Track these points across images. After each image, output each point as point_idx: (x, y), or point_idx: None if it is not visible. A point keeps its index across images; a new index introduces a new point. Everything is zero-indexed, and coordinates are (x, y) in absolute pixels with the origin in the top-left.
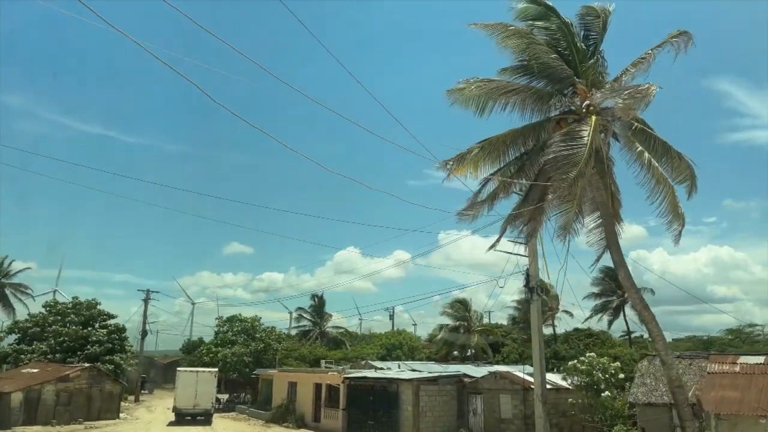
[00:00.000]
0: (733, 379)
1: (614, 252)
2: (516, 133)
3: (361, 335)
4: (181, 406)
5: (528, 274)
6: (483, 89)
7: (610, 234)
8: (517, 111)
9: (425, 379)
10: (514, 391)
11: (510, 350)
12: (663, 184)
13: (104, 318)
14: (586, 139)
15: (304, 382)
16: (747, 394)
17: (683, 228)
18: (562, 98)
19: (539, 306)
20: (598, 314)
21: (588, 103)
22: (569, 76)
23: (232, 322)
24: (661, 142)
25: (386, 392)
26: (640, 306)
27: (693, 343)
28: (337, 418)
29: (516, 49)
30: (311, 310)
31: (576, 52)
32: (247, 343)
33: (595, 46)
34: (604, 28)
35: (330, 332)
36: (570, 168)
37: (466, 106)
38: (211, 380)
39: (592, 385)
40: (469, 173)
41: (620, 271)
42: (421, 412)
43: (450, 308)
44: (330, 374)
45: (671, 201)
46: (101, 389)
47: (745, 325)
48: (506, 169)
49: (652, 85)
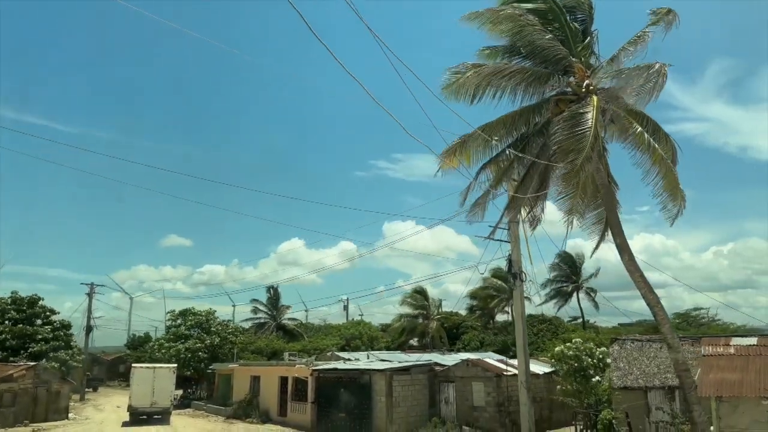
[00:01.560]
0: (729, 360)
1: (617, 235)
2: (515, 115)
3: (317, 326)
4: (137, 404)
5: (510, 261)
6: (480, 74)
7: (612, 217)
8: (509, 96)
9: (398, 369)
10: (487, 379)
11: (470, 338)
12: (662, 164)
13: (47, 314)
14: (590, 120)
15: (269, 376)
16: (746, 376)
17: (683, 208)
18: (561, 78)
19: (522, 292)
20: (553, 299)
21: (588, 83)
22: (565, 56)
23: (185, 315)
24: (652, 122)
25: (358, 383)
26: (645, 289)
27: (644, 327)
28: (306, 411)
29: (509, 33)
30: (267, 302)
31: (570, 33)
32: (201, 338)
33: (585, 27)
34: (591, 7)
35: (287, 324)
36: (577, 151)
37: (458, 97)
38: (170, 377)
39: (580, 370)
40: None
41: (624, 255)
42: (394, 403)
43: (409, 297)
44: (297, 367)
45: (671, 181)
46: (48, 389)
47: (692, 309)
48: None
49: (663, 65)
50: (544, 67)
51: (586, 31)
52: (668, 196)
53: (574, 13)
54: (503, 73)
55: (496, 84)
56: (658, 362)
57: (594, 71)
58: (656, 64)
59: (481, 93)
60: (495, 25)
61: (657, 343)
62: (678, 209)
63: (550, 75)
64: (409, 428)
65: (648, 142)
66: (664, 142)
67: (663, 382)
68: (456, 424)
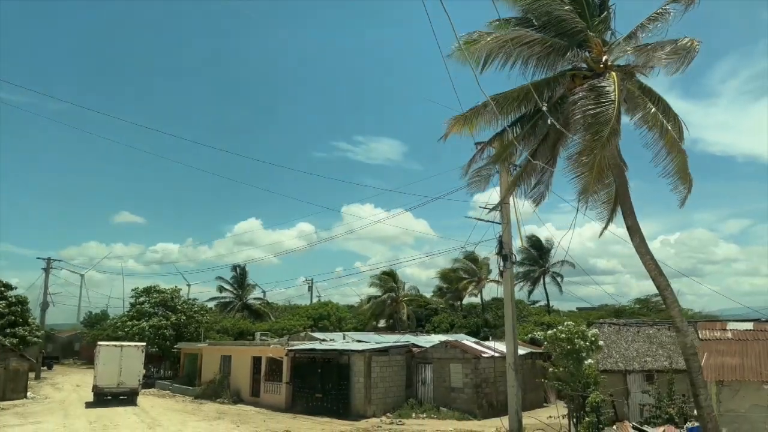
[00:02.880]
0: (728, 345)
1: (628, 217)
2: (531, 87)
3: (283, 307)
4: (103, 384)
5: (501, 242)
6: (499, 40)
7: (624, 198)
8: (520, 66)
9: (377, 350)
10: (466, 360)
11: (440, 320)
12: (673, 145)
13: (2, 289)
14: (613, 94)
15: (241, 356)
16: (746, 360)
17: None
18: (579, 53)
19: (512, 274)
20: (520, 282)
21: (606, 59)
22: (583, 30)
23: (149, 293)
24: (663, 101)
25: (336, 364)
26: (655, 272)
27: (605, 312)
28: (280, 392)
29: (526, 2)
30: (233, 281)
31: (587, 6)
32: (166, 315)
33: (603, 2)
34: None
35: (253, 304)
36: (602, 126)
37: (466, 61)
38: (138, 355)
39: (572, 353)
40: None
41: (635, 237)
42: (372, 383)
43: (378, 279)
44: (272, 347)
45: (681, 162)
46: (6, 366)
47: (652, 295)
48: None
49: (694, 40)
50: (562, 40)
51: (603, 4)
52: (679, 178)
53: None
54: (524, 39)
55: (512, 51)
56: (637, 346)
57: (611, 47)
58: (685, 38)
59: (492, 60)
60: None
61: (634, 328)
62: (687, 192)
63: (568, 48)
64: (387, 409)
65: (661, 122)
66: (674, 121)
67: (642, 366)
68: (433, 405)
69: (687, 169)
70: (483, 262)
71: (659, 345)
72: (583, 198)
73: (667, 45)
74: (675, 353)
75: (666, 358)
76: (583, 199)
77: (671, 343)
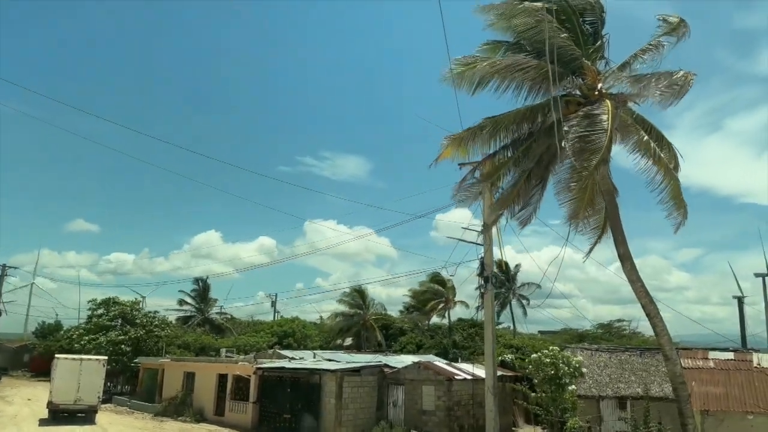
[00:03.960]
0: (711, 374)
1: (620, 244)
2: (525, 111)
3: (246, 322)
4: (60, 401)
5: (483, 263)
6: (494, 65)
7: (616, 225)
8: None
9: (349, 370)
10: (438, 382)
11: (408, 340)
12: (666, 172)
13: None
14: (606, 122)
15: (206, 373)
16: (730, 390)
17: (685, 218)
18: (574, 80)
19: (493, 296)
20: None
21: (600, 86)
22: (578, 57)
23: (108, 305)
24: (656, 130)
25: (306, 383)
26: (645, 299)
27: (569, 335)
28: (246, 411)
29: (522, 28)
30: (194, 294)
31: (581, 34)
32: (125, 329)
33: (596, 30)
34: (602, 9)
35: (215, 319)
36: (592, 153)
37: (460, 85)
38: (99, 370)
39: (555, 378)
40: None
41: (626, 263)
42: (343, 404)
43: (347, 296)
44: (240, 365)
45: (675, 190)
46: None
47: (615, 320)
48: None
49: (689, 74)
50: (557, 67)
51: (597, 34)
52: (673, 204)
53: (584, 15)
54: (519, 66)
55: (507, 76)
56: (609, 372)
57: (605, 75)
58: (680, 71)
59: (485, 84)
60: (509, 19)
61: (606, 353)
62: (681, 219)
63: (563, 74)
64: (357, 431)
65: (654, 150)
66: (668, 150)
67: (615, 392)
68: (404, 428)
69: (681, 195)
70: (450, 283)
71: (631, 371)
72: (574, 222)
73: (662, 77)
74: (647, 380)
75: (638, 385)
76: (574, 223)
77: (643, 370)
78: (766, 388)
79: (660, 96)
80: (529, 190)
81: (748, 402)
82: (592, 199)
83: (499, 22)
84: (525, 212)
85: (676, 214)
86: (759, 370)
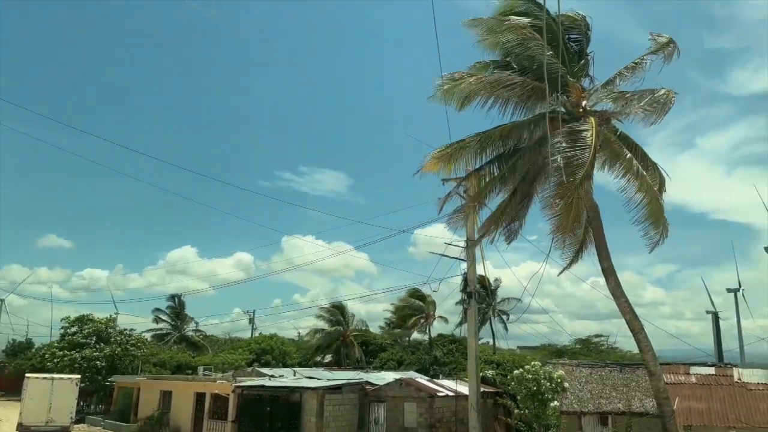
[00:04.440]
0: (692, 389)
1: (604, 259)
2: (511, 127)
3: (223, 340)
4: (30, 422)
5: (466, 279)
6: (482, 83)
7: (600, 240)
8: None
9: (330, 388)
10: (420, 399)
11: (388, 356)
12: (648, 192)
13: None
14: (590, 139)
15: (183, 391)
16: (712, 405)
17: (665, 236)
18: (559, 96)
19: (476, 312)
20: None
21: (585, 104)
22: (563, 74)
23: (82, 322)
24: (641, 149)
25: (287, 402)
26: (629, 315)
27: (548, 351)
28: (225, 430)
29: (510, 44)
30: (170, 311)
31: (566, 52)
32: (99, 347)
33: (581, 47)
34: (588, 27)
35: (191, 336)
36: (576, 169)
37: (448, 102)
38: (71, 390)
39: (537, 394)
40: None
41: (610, 279)
42: (324, 423)
43: (326, 312)
44: (218, 383)
45: (655, 210)
46: None
47: (593, 336)
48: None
49: (671, 92)
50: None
51: (582, 51)
52: (651, 224)
53: (569, 33)
54: (506, 82)
55: (493, 93)
56: (590, 387)
57: (589, 93)
58: (662, 89)
59: (472, 101)
60: (496, 35)
61: (587, 368)
62: (659, 238)
63: (549, 92)
64: None
65: (637, 169)
66: (652, 170)
67: (597, 407)
68: None
69: (662, 214)
70: (430, 298)
71: (612, 387)
72: (559, 237)
73: (645, 95)
74: (629, 395)
75: (620, 400)
76: (559, 238)
77: (623, 385)
78: (747, 403)
79: (643, 113)
80: (515, 207)
81: (729, 417)
82: (577, 214)
83: (488, 37)
84: (511, 228)
85: (653, 233)
86: (740, 384)
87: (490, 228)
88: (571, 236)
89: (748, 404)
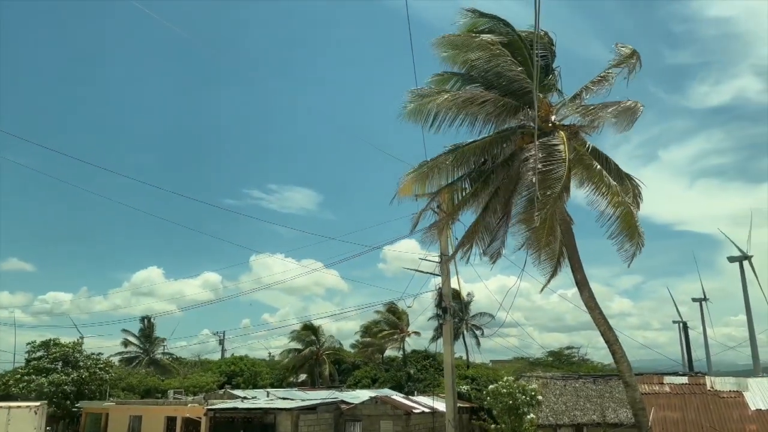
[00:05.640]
0: (667, 399)
1: (577, 271)
2: (484, 143)
3: (192, 362)
4: None
5: (440, 294)
6: (456, 99)
7: (573, 253)
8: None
9: (304, 408)
10: (396, 417)
11: (362, 374)
12: (620, 205)
13: None
14: (563, 153)
15: (153, 416)
16: (687, 414)
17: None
18: (529, 112)
19: (451, 327)
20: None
21: (554, 118)
22: (530, 90)
23: (48, 347)
24: (613, 162)
25: (261, 423)
26: (604, 326)
27: (521, 364)
28: None
29: (479, 61)
30: (140, 334)
31: (533, 67)
32: (67, 372)
33: (547, 63)
34: (552, 43)
35: (161, 359)
36: (554, 182)
37: (417, 119)
38: (30, 419)
39: (513, 408)
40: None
41: (584, 291)
42: None
43: (300, 333)
44: (189, 406)
45: (629, 222)
46: None
47: (564, 348)
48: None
49: (637, 102)
50: (512, 99)
51: (548, 67)
52: (625, 236)
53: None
54: (477, 100)
55: (463, 110)
56: (565, 400)
57: (556, 107)
58: (628, 101)
59: (442, 118)
60: (464, 52)
61: (561, 381)
62: (635, 249)
63: (519, 108)
64: None
65: (608, 181)
66: (626, 181)
67: (572, 419)
68: None
69: (636, 226)
70: (403, 313)
71: (586, 398)
72: (534, 252)
73: (610, 105)
74: (603, 406)
75: (594, 412)
76: (535, 253)
77: (597, 396)
78: (720, 411)
79: (615, 119)
80: (493, 225)
81: (704, 425)
82: (552, 228)
83: (455, 54)
84: (493, 247)
85: (629, 246)
86: (713, 393)
87: (464, 244)
88: (547, 250)
89: (721, 412)
